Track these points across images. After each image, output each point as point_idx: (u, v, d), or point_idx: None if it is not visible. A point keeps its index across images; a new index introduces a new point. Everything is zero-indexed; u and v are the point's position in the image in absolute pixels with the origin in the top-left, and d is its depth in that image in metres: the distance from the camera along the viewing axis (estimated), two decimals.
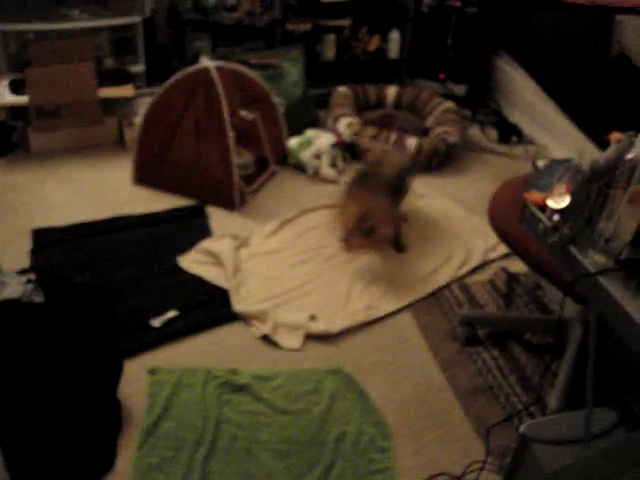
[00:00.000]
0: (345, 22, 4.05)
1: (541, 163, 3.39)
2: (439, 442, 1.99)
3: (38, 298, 2.35)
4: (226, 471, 1.86)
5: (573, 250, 1.16)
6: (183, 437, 1.95)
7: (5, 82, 3.43)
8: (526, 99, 3.90)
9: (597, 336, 1.24)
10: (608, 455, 1.06)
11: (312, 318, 2.41)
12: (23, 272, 2.53)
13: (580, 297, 1.74)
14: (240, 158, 3.16)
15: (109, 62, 3.79)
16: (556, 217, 1.21)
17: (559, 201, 1.18)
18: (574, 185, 1.15)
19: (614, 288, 1.06)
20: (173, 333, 2.34)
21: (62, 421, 1.86)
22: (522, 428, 1.38)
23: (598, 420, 1.37)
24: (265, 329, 2.36)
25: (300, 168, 3.44)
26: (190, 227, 2.94)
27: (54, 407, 1.87)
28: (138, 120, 3.22)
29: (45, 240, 2.83)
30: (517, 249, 1.89)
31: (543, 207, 1.24)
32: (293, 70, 3.63)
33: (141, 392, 2.11)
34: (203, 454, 1.89)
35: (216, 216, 3.04)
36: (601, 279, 1.08)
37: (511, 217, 1.84)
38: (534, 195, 1.27)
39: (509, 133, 3.87)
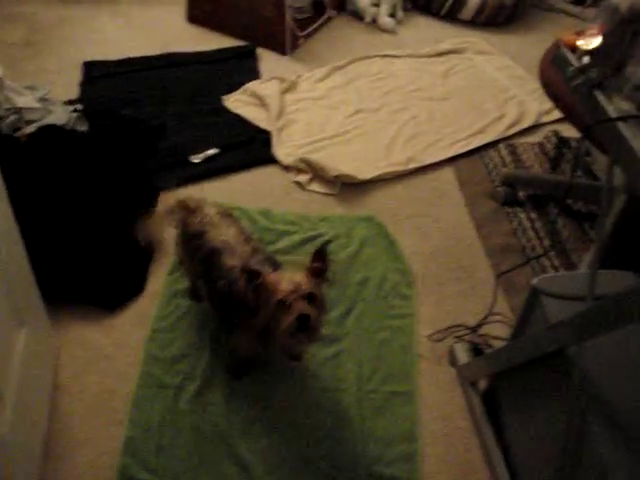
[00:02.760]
0: None
1: None
2: (462, 295, 2.00)
3: (82, 127, 2.38)
4: None
5: (598, 94, 1.10)
6: None
7: None
8: None
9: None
10: (603, 311, 1.05)
11: (351, 166, 2.39)
12: (71, 102, 2.56)
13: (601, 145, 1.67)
14: (295, 1, 3.06)
15: None
16: (585, 59, 1.14)
17: (589, 42, 1.11)
18: (608, 26, 1.08)
19: (633, 135, 1.01)
20: (211, 170, 2.36)
21: (98, 244, 1.92)
22: (534, 281, 1.37)
23: (617, 282, 1.35)
24: (302, 176, 2.36)
25: (358, 15, 3.32)
26: (239, 68, 2.90)
27: (90, 231, 1.93)
28: None
29: (95, 73, 2.84)
30: (552, 95, 1.80)
31: (574, 48, 1.18)
32: None
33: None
34: None
35: (266, 59, 2.99)
36: (621, 125, 1.03)
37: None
38: (568, 36, 1.20)
39: None
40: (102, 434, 1.62)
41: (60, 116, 2.35)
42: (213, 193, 2.28)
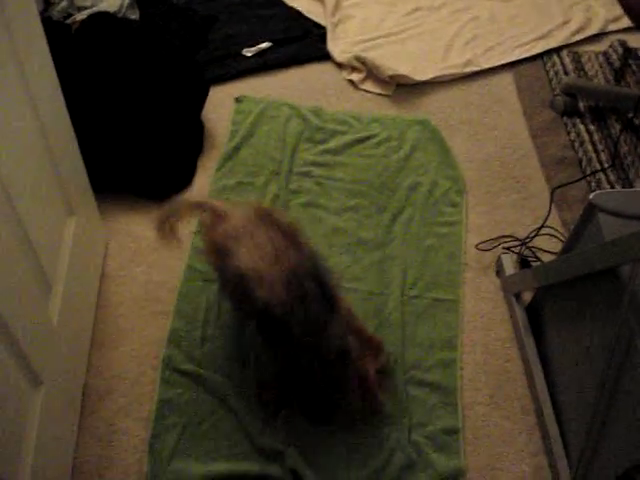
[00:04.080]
0: None
1: None
2: (513, 206, 1.96)
3: (133, 15, 2.34)
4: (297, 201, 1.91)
5: None
6: (261, 164, 1.99)
7: None
8: None
9: None
10: None
11: (407, 66, 2.31)
12: None
13: None
14: None
15: None
16: None
17: None
18: None
19: None
20: (263, 64, 2.32)
21: (147, 135, 1.91)
22: (592, 196, 1.32)
23: None
24: (355, 74, 2.30)
25: None
26: None
27: (140, 121, 1.91)
28: None
29: None
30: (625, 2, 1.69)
31: None
32: None
33: (225, 118, 2.14)
34: (277, 183, 1.94)
35: None
36: None
37: None
38: None
39: None
40: (148, 324, 1.66)
41: (112, 3, 2.31)
42: (264, 88, 2.24)
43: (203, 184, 1.95)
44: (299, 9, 2.54)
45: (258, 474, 1.42)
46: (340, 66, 2.34)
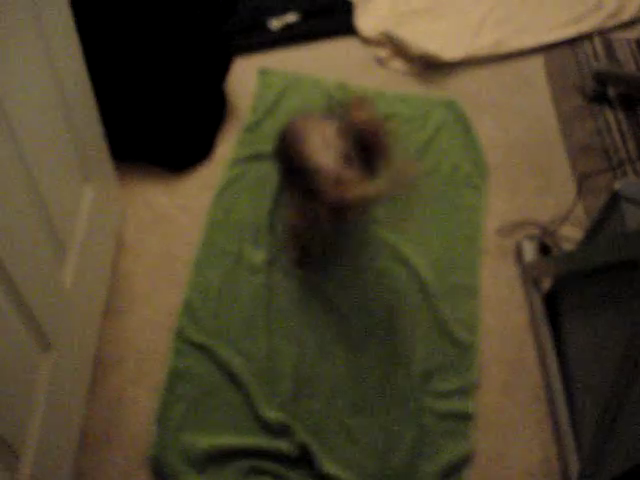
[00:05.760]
0: None
1: None
2: (536, 192, 1.93)
3: None
4: None
5: None
6: None
7: None
8: None
9: None
10: None
11: (436, 44, 2.27)
12: None
13: None
14: None
15: None
16: None
17: None
18: None
19: None
20: (290, 37, 2.28)
21: (166, 102, 1.89)
22: (616, 184, 1.30)
23: None
24: (382, 51, 2.27)
25: None
26: None
27: (161, 89, 1.89)
28: None
29: None
30: None
31: None
32: None
33: (249, 91, 2.12)
34: None
35: None
36: None
37: None
38: None
39: None
40: (162, 295, 1.66)
41: None
42: (289, 61, 2.21)
43: (224, 155, 1.94)
44: None
45: (266, 448, 1.42)
46: (367, 42, 2.30)
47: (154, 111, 1.88)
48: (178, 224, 1.79)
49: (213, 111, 2.01)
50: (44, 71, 1.18)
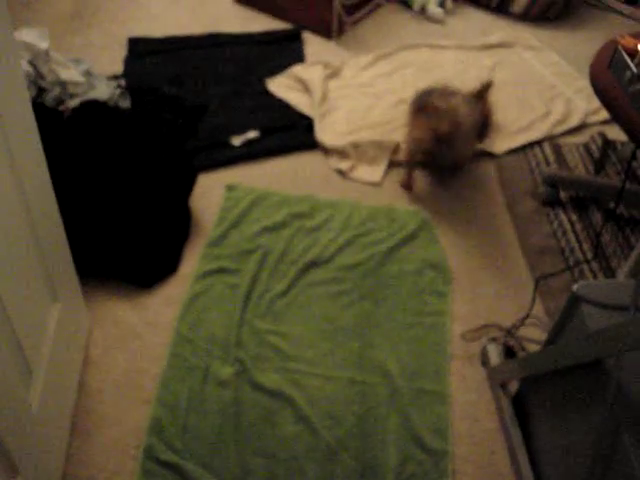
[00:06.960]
0: None
1: None
2: (497, 295, 1.97)
3: (125, 103, 2.39)
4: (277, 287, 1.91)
5: None
6: (247, 250, 2.00)
7: None
8: None
9: None
10: None
11: (394, 154, 2.37)
12: (114, 78, 2.57)
13: None
14: None
15: None
16: None
17: None
18: None
19: None
20: (251, 153, 2.35)
21: (132, 220, 1.92)
22: (575, 287, 1.34)
23: None
24: (343, 164, 2.34)
25: (407, 3, 3.28)
26: (284, 51, 2.88)
27: (126, 205, 1.92)
28: None
29: (139, 49, 2.84)
30: (606, 100, 1.74)
31: (634, 53, 1.14)
32: None
33: (213, 206, 2.16)
34: (262, 271, 1.95)
35: (312, 43, 2.96)
36: None
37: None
38: (627, 39, 1.16)
39: None
40: (130, 413, 1.63)
41: (103, 91, 2.35)
42: (252, 177, 2.27)
43: (189, 271, 1.96)
44: (287, 100, 2.60)
45: None
46: (328, 155, 2.38)
47: (120, 228, 1.90)
48: (145, 339, 1.78)
49: (178, 227, 2.04)
50: (12, 194, 1.20)
